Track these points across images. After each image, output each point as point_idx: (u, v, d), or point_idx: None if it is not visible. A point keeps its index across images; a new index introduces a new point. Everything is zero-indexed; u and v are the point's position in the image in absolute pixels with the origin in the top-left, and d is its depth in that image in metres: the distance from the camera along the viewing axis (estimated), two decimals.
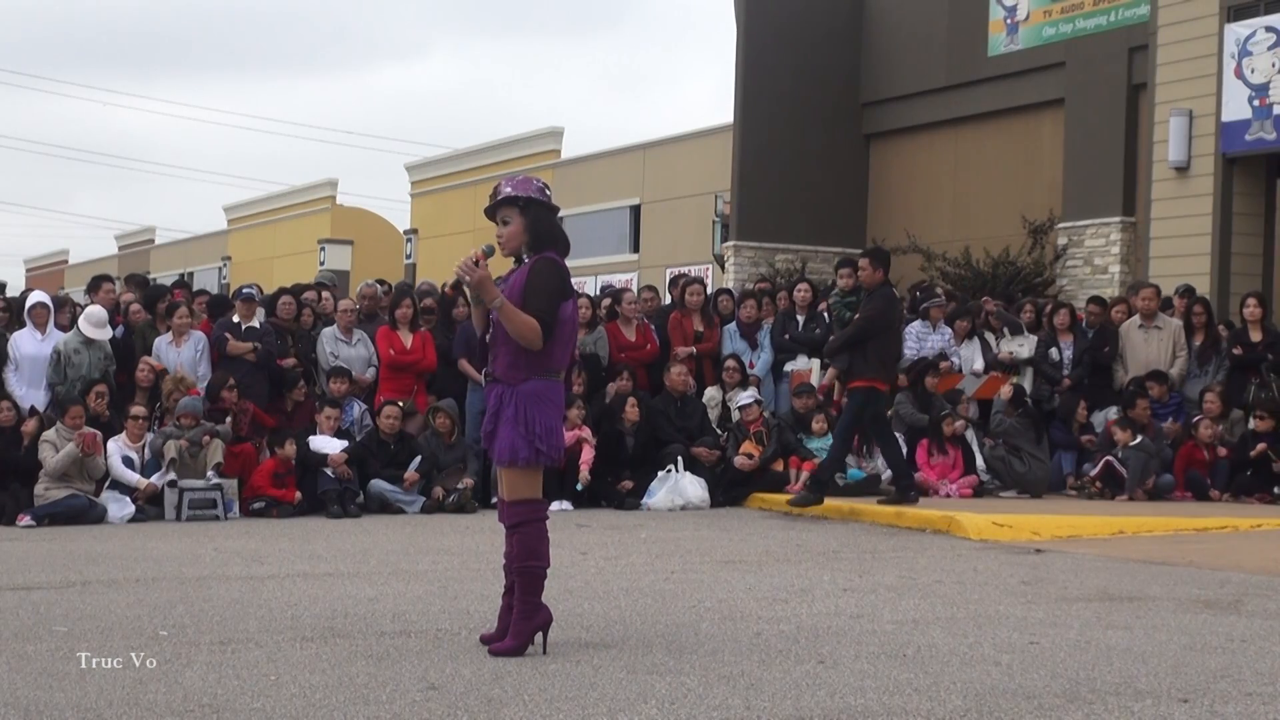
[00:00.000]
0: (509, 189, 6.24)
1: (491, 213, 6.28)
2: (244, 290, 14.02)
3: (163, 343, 13.32)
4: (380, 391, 13.61)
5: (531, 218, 6.21)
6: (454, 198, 36.74)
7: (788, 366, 14.78)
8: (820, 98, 24.63)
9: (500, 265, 6.39)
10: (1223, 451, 13.87)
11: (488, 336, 6.26)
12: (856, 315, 12.69)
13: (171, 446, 12.15)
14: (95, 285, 14.24)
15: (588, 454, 13.17)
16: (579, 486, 13.00)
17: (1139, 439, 13.68)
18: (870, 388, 12.15)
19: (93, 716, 4.98)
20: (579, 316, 13.22)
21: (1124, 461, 13.61)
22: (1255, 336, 14.40)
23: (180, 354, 13.22)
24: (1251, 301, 14.54)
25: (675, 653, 6.13)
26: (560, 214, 6.35)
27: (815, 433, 13.88)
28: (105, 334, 12.96)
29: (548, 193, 6.28)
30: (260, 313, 13.83)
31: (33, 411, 12.40)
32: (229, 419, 12.70)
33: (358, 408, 13.51)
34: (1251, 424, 14.04)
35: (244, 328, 13.52)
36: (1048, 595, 7.95)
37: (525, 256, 6.25)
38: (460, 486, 12.70)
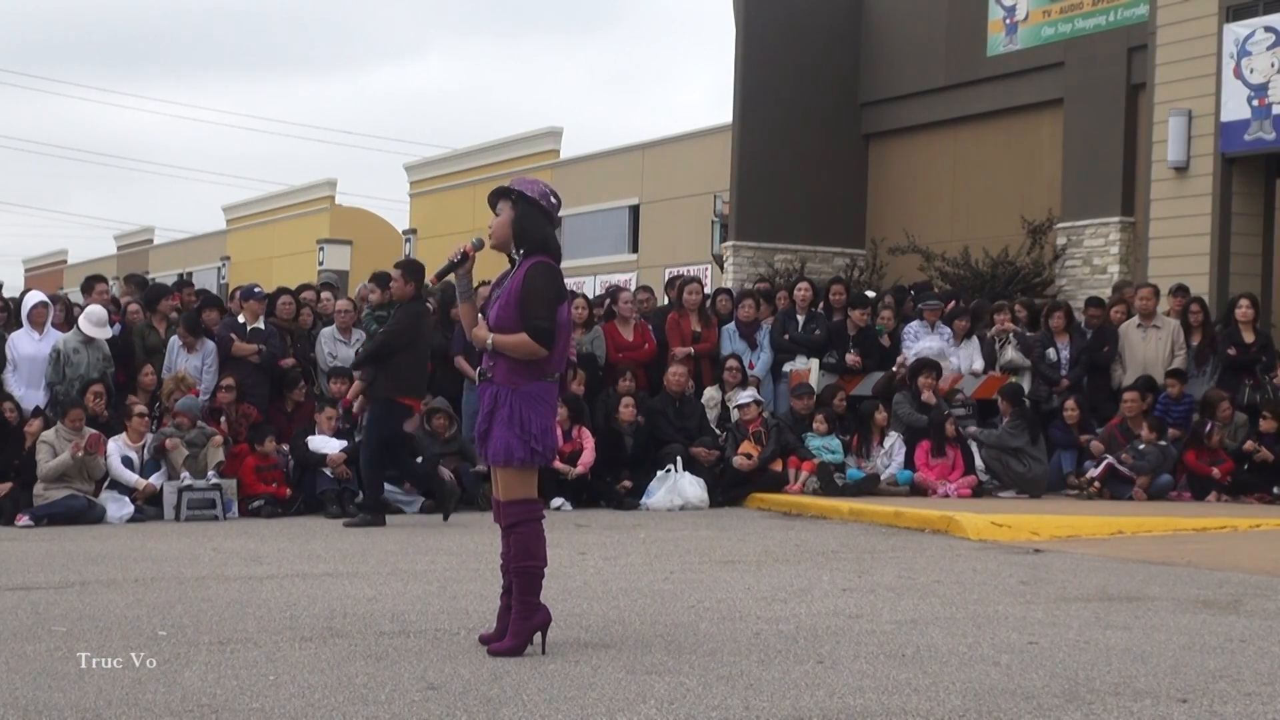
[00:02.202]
0: (511, 183, 6.32)
1: (492, 205, 6.31)
2: (255, 290, 14.00)
3: (175, 346, 13.34)
4: None
5: (520, 213, 6.23)
6: (453, 198, 36.74)
7: (786, 367, 14.77)
8: (820, 98, 24.62)
9: (493, 264, 6.39)
10: (1227, 465, 13.81)
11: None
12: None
13: (178, 444, 12.15)
14: (89, 286, 14.24)
15: (588, 455, 13.17)
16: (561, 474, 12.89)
17: (1163, 442, 13.68)
18: (391, 402, 11.58)
19: (92, 716, 4.98)
20: (576, 317, 13.20)
21: (1142, 455, 13.59)
22: (1248, 338, 14.40)
23: (189, 360, 13.24)
24: (1244, 303, 14.54)
25: (674, 653, 6.13)
26: (559, 225, 6.34)
27: (816, 432, 13.88)
28: (105, 333, 12.96)
29: (552, 200, 6.28)
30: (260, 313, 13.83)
31: (36, 412, 12.42)
32: (223, 419, 12.71)
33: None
34: (1254, 424, 14.03)
35: (249, 329, 13.52)
36: (1047, 595, 7.95)
37: (515, 255, 6.26)
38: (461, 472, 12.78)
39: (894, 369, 14.57)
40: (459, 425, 13.28)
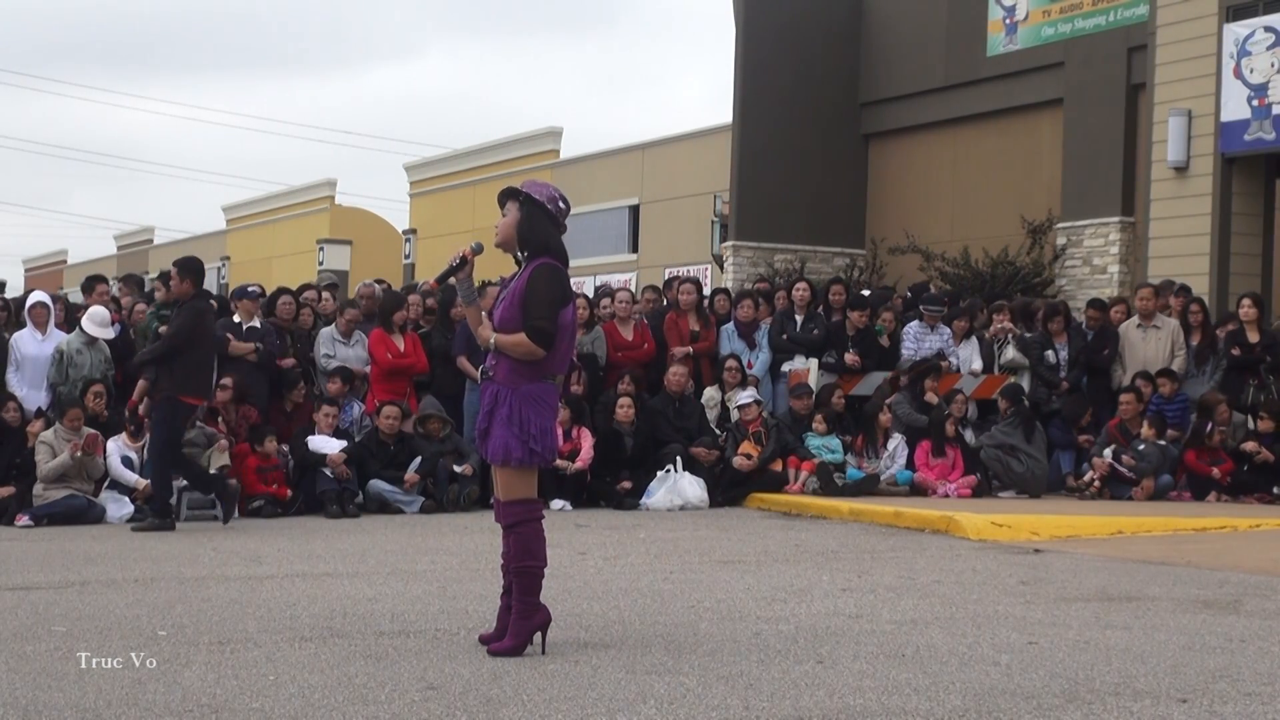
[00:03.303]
0: (522, 185, 6.33)
1: (500, 204, 6.33)
2: (249, 289, 13.99)
3: None
4: (374, 394, 13.61)
5: (525, 215, 6.23)
6: (453, 198, 36.74)
7: (785, 366, 14.77)
8: (819, 98, 24.63)
9: (497, 265, 6.40)
10: (1227, 465, 13.80)
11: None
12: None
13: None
14: (90, 286, 14.23)
15: (586, 452, 13.18)
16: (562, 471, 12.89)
17: (1162, 442, 13.68)
18: (174, 401, 11.21)
19: (92, 716, 4.98)
20: (578, 317, 13.18)
21: (1143, 456, 13.58)
22: (1252, 337, 14.37)
23: None
24: (1247, 302, 14.51)
25: (674, 653, 6.13)
26: (565, 230, 6.34)
27: (815, 432, 13.88)
28: (108, 333, 12.97)
29: (561, 205, 6.28)
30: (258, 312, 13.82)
31: (39, 413, 12.41)
32: (220, 419, 12.69)
33: (357, 408, 13.52)
34: (1254, 425, 14.02)
35: (245, 328, 13.52)
36: (1047, 595, 7.95)
37: (519, 257, 6.27)
38: (460, 470, 12.74)
39: (891, 389, 14.50)
40: (452, 425, 13.29)
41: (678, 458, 13.26)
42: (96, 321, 12.85)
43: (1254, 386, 14.25)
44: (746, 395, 13.87)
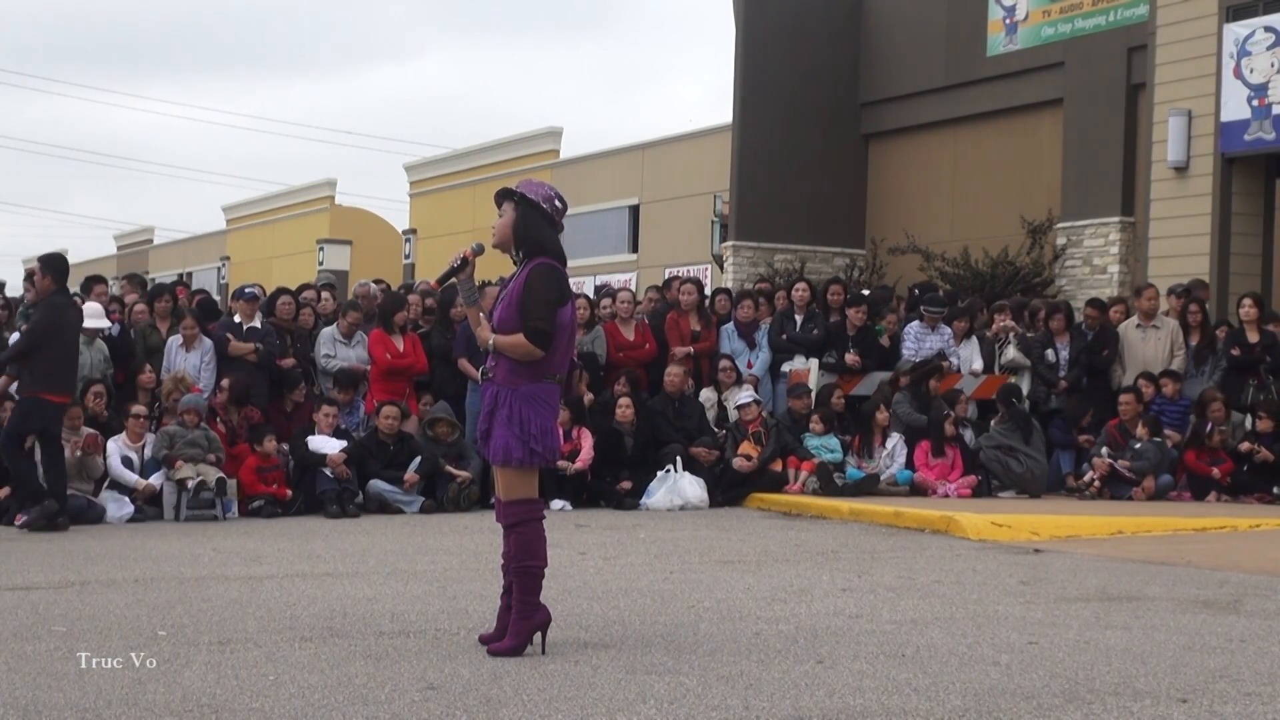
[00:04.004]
0: (517, 185, 6.33)
1: (497, 205, 6.34)
2: (246, 290, 14.00)
3: (173, 345, 13.33)
4: (373, 394, 13.62)
5: (520, 215, 6.23)
6: (453, 198, 36.74)
7: (786, 366, 14.77)
8: (819, 98, 24.63)
9: (495, 265, 6.40)
10: (1227, 465, 13.79)
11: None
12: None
13: (182, 465, 12.02)
14: (88, 286, 14.23)
15: (586, 452, 13.18)
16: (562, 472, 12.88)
17: (1158, 439, 13.68)
18: (35, 399, 11.03)
19: (92, 716, 4.98)
20: (578, 317, 13.20)
21: (1140, 455, 13.58)
22: (1253, 338, 14.37)
23: (188, 359, 13.23)
24: (1247, 302, 14.51)
25: (674, 653, 6.13)
26: (562, 229, 6.34)
27: (813, 432, 13.89)
28: (104, 323, 12.95)
29: (557, 204, 6.28)
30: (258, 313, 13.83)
31: None
32: (218, 419, 12.70)
33: (361, 409, 13.52)
34: (1251, 425, 14.02)
35: (245, 328, 13.53)
36: (1046, 595, 7.95)
37: (516, 257, 6.27)
38: (459, 481, 12.72)
39: (891, 390, 14.49)
40: (460, 429, 13.28)
41: (678, 458, 13.26)
42: (91, 314, 12.82)
43: (1254, 386, 14.25)
44: (746, 395, 13.87)
